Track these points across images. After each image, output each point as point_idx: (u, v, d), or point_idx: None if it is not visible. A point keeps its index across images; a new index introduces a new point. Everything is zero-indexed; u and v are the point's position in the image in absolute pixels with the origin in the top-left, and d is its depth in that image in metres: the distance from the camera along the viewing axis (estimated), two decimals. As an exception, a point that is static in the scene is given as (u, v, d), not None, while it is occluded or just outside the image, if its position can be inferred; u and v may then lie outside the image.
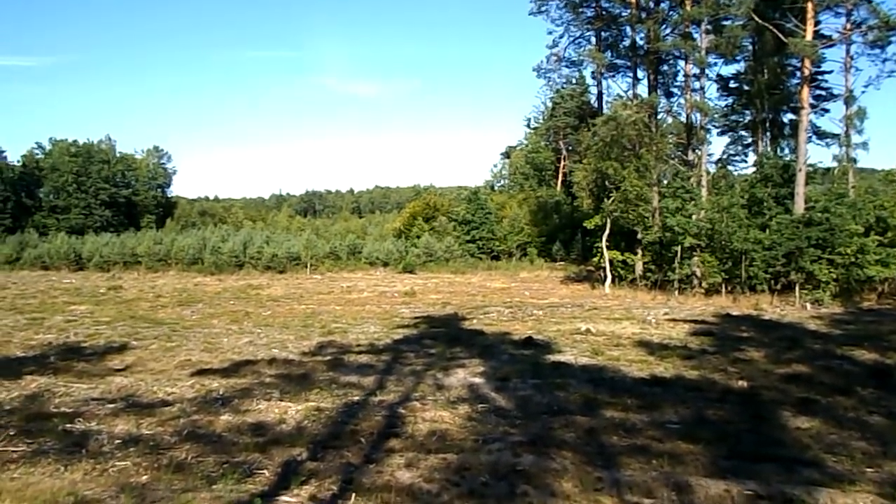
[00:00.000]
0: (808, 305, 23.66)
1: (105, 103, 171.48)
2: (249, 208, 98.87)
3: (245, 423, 8.90)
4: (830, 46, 30.78)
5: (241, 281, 36.58)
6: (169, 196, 79.66)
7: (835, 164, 33.70)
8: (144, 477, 6.87)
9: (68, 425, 8.78)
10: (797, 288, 25.13)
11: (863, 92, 34.17)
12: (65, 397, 10.41)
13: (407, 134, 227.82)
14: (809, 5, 27.80)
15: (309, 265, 42.30)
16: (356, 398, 10.28)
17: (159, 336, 17.13)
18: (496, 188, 69.38)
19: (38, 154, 67.67)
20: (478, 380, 11.63)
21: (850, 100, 31.31)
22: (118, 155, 72.38)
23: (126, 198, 69.13)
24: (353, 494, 6.37)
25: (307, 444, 7.97)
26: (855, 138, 31.37)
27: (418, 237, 46.30)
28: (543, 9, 37.68)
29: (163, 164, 78.15)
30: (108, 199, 65.95)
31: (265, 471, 7.05)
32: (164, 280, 37.89)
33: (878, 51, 31.37)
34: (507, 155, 72.66)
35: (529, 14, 37.96)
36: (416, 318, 20.97)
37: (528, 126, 68.38)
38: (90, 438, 8.15)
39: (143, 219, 69.46)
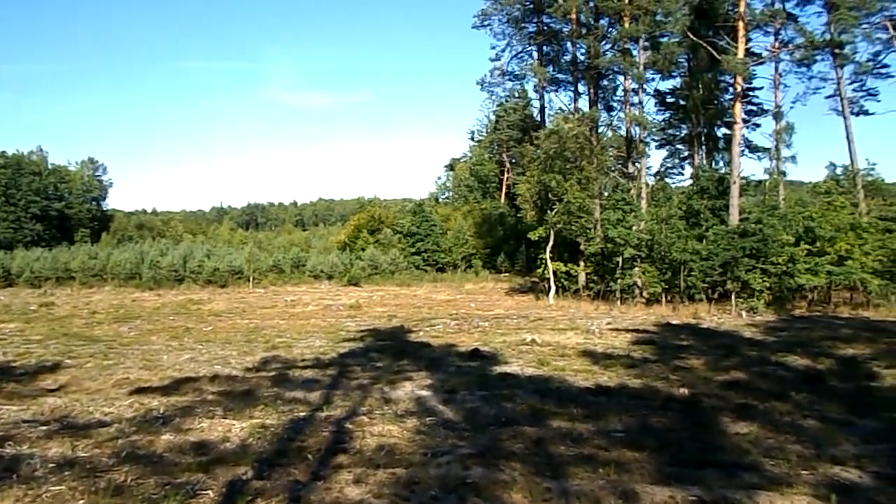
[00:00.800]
0: (744, 313, 24.44)
1: (36, 114, 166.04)
2: (189, 221, 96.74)
3: (187, 443, 8.64)
4: (760, 64, 32.15)
5: (181, 296, 35.68)
6: (104, 209, 77.49)
7: (766, 176, 35.06)
8: (81, 502, 6.59)
9: (-2, 449, 8.37)
10: (733, 297, 25.94)
11: (791, 108, 35.87)
12: (-7, 420, 9.93)
13: (351, 146, 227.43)
14: (740, 24, 28.93)
15: (252, 279, 41.59)
16: (302, 414, 10.12)
17: (95, 354, 16.53)
18: (441, 200, 69.75)
19: (-38, 165, 64.82)
20: (425, 393, 11.59)
21: (779, 115, 32.68)
22: (50, 167, 70.10)
23: (59, 211, 66.80)
24: (301, 513, 6.26)
25: (252, 462, 7.79)
26: (784, 152, 32.79)
27: (363, 250, 46.12)
28: (486, 23, 38.28)
29: (98, 176, 76.06)
30: (39, 212, 63.64)
31: (209, 491, 6.85)
32: (100, 296, 36.67)
33: (804, 69, 33.05)
34: (451, 167, 73.14)
35: (473, 28, 38.50)
36: (362, 331, 20.81)
37: (472, 139, 69.12)
38: (22, 462, 7.78)
39: (77, 233, 67.28)
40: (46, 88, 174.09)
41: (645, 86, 33.53)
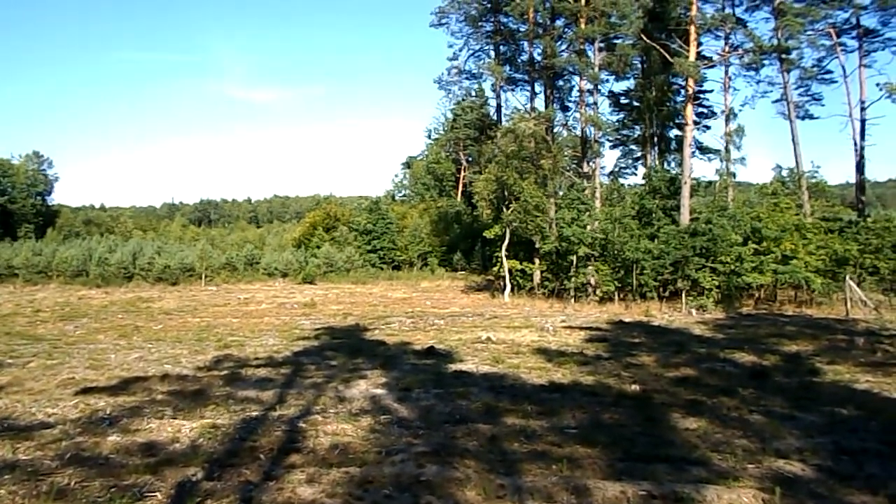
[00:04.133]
0: (694, 311, 24.97)
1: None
2: (139, 217, 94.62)
3: (135, 444, 8.45)
4: (711, 67, 32.93)
5: (130, 294, 34.86)
6: (50, 204, 75.12)
7: (716, 177, 35.85)
8: (22, 506, 6.39)
9: (-67, 453, 8.04)
10: (684, 295, 26.48)
11: (740, 110, 36.75)
12: (-71, 423, 9.54)
13: (307, 142, 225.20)
14: (692, 28, 29.55)
15: (204, 276, 40.86)
16: (255, 413, 9.98)
17: (38, 353, 16.02)
18: (397, 198, 69.49)
19: None
20: (380, 391, 11.55)
21: (729, 117, 33.46)
22: (-9, 160, 67.59)
23: (1, 206, 64.47)
24: (252, 513, 6.17)
25: (203, 463, 7.65)
26: (734, 154, 33.51)
27: (318, 247, 45.73)
28: (444, 21, 38.29)
29: (43, 170, 73.65)
30: (-21, 206, 61.42)
31: (157, 493, 6.71)
32: (45, 294, 35.56)
33: (752, 72, 33.94)
34: (408, 165, 72.95)
35: (430, 26, 38.47)
36: (317, 329, 20.63)
37: (429, 137, 68.97)
38: (-41, 466, 7.50)
39: (21, 228, 65.03)
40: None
41: (599, 86, 34.02)
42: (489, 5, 37.56)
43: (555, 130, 34.96)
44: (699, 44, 30.59)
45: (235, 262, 44.23)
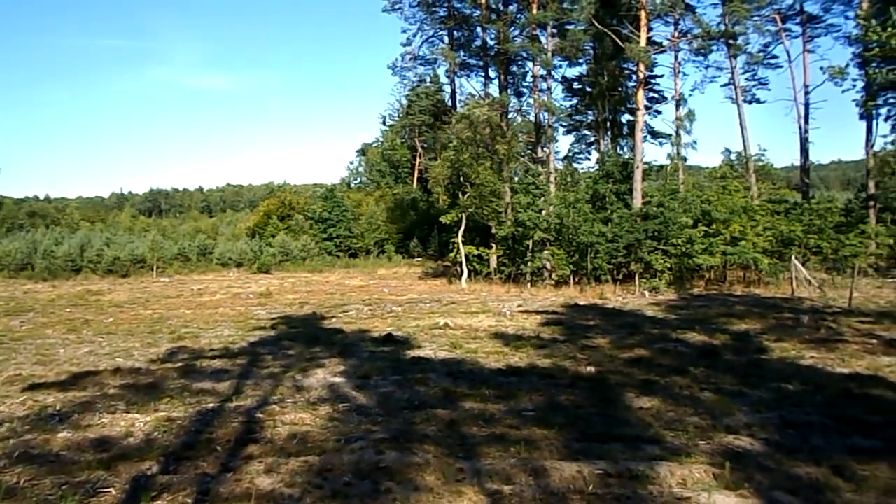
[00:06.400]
0: (647, 293, 25.44)
1: None
2: (86, 208, 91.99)
3: (86, 440, 8.27)
4: (661, 52, 33.36)
5: (78, 287, 33.92)
6: (-9, 196, 72.60)
7: (668, 161, 36.52)
8: (-32, 507, 6.21)
9: None
10: (637, 277, 26.95)
11: (690, 95, 37.49)
12: None
13: (260, 130, 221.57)
14: (643, 14, 29.87)
15: (155, 268, 40.02)
16: (211, 405, 9.85)
17: (-18, 350, 15.53)
18: (353, 185, 68.89)
19: None
20: (338, 379, 11.52)
21: (679, 102, 34.06)
22: (-74, 150, 64.91)
23: (-63, 198, 62.06)
24: (210, 506, 6.11)
25: (158, 456, 7.54)
26: (684, 138, 34.16)
27: (273, 236, 45.14)
28: (397, 6, 38.00)
29: (-18, 160, 70.99)
30: (-86, 199, 58.95)
31: (111, 489, 6.59)
32: (-13, 288, 34.38)
33: (701, 58, 34.60)
34: (363, 152, 72.26)
35: (384, 11, 38.14)
36: (273, 319, 20.42)
37: (384, 123, 68.39)
38: None
39: (-40, 221, 62.71)
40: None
41: (553, 72, 34.26)
42: (442, -10, 37.37)
43: (509, 116, 35.11)
44: (650, 29, 30.96)
45: (188, 253, 43.41)
